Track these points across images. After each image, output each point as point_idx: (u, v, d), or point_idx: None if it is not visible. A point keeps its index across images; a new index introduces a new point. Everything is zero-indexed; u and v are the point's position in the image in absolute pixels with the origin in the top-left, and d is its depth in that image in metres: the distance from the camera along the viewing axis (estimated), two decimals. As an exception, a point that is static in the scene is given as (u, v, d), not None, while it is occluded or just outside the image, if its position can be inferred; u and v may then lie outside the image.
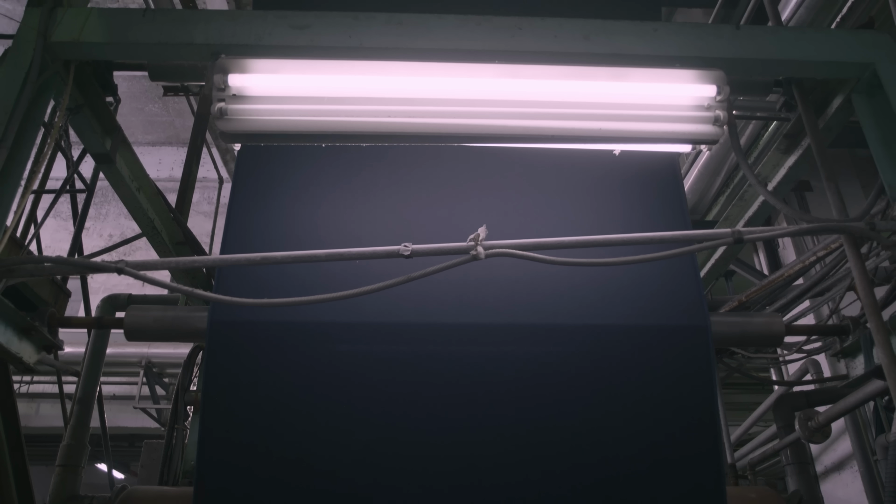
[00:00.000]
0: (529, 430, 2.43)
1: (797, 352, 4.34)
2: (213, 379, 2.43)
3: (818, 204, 6.95)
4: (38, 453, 8.34)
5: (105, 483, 6.51)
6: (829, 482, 6.85)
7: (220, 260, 2.34)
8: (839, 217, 2.87)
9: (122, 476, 11.88)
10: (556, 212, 2.76)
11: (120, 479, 11.06)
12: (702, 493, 2.42)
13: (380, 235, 2.51)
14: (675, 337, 2.50)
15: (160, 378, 10.98)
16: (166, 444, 3.94)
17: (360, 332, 2.46)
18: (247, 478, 2.36)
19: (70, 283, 4.27)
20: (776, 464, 7.47)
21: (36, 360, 2.97)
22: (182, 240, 4.24)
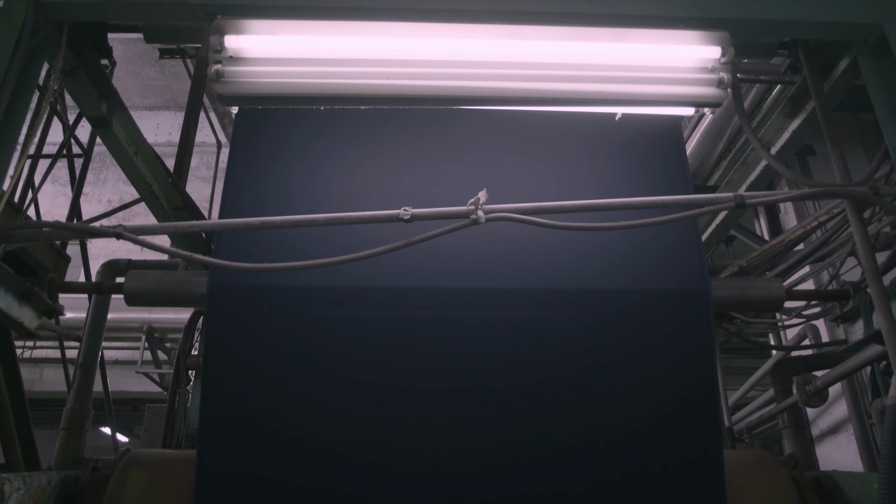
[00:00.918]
0: (529, 392, 2.44)
1: (796, 317, 4.36)
2: (214, 343, 2.44)
3: (821, 169, 6.91)
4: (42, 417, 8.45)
5: (109, 446, 6.61)
6: (825, 445, 6.95)
7: (218, 224, 2.32)
8: (842, 182, 2.85)
9: (126, 439, 12.05)
10: (557, 176, 2.74)
11: (124, 442, 11.22)
12: (699, 456, 2.44)
13: (380, 200, 2.49)
14: (675, 301, 2.50)
15: (162, 343, 11.07)
16: (169, 408, 3.98)
17: (359, 297, 2.46)
18: (249, 440, 2.38)
19: (69, 249, 4.27)
20: (773, 427, 7.57)
21: (37, 326, 2.98)
22: (181, 205, 4.22)
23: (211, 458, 2.36)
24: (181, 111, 5.13)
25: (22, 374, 4.26)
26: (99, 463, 3.68)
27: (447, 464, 2.44)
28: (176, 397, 3.99)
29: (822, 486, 2.76)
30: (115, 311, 9.07)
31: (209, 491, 2.34)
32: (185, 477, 2.50)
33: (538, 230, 2.27)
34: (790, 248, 4.19)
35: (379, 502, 2.39)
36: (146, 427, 4.75)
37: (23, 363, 8.80)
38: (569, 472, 2.43)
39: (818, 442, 6.84)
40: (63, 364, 6.11)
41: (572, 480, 2.43)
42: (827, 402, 4.84)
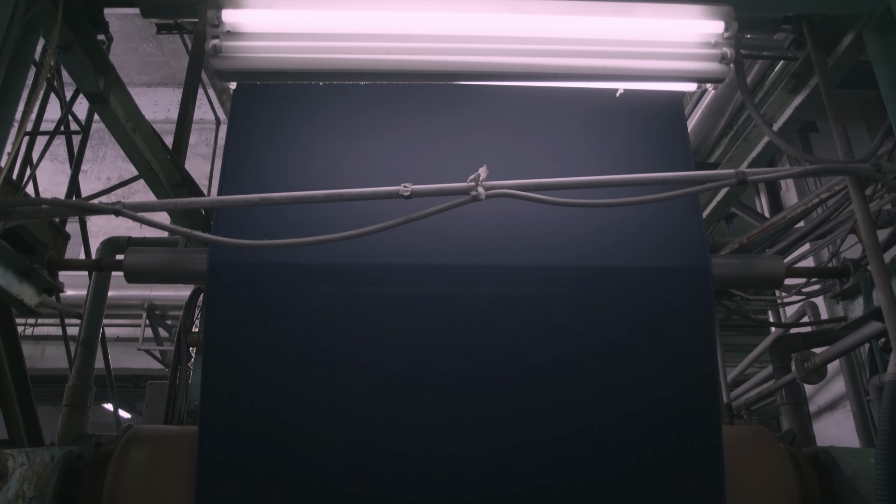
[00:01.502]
0: (531, 372, 2.45)
1: (796, 294, 4.36)
2: (214, 320, 2.44)
3: (822, 146, 6.88)
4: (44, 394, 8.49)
5: (112, 422, 6.65)
6: (822, 421, 7.00)
7: (217, 201, 2.31)
8: (845, 158, 2.83)
9: (129, 416, 12.14)
10: (558, 152, 2.72)
11: (126, 418, 11.30)
12: (698, 431, 2.45)
13: (379, 177, 2.48)
14: (675, 278, 2.50)
15: (163, 320, 11.11)
16: (170, 385, 4.00)
17: (359, 274, 2.46)
18: (250, 416, 2.39)
19: (69, 227, 4.25)
20: (770, 404, 7.62)
21: (37, 303, 2.98)
22: (180, 182, 4.21)
23: (212, 434, 2.38)
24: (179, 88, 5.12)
25: (24, 351, 4.28)
26: (101, 439, 3.71)
27: (442, 447, 2.44)
28: (177, 374, 4.00)
29: (820, 461, 2.78)
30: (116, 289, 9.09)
31: (211, 466, 2.36)
32: (186, 452, 2.52)
33: (539, 207, 2.26)
34: (791, 226, 4.18)
35: (375, 477, 2.41)
36: (148, 403, 4.78)
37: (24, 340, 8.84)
38: (570, 458, 2.44)
39: (815, 418, 6.89)
40: (64, 341, 6.13)
41: (573, 466, 2.44)
42: (825, 379, 4.87)
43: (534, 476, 2.43)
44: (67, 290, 5.25)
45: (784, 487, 2.63)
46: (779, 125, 3.68)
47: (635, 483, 2.43)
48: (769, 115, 3.73)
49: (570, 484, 2.43)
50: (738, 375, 8.42)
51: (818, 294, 4.40)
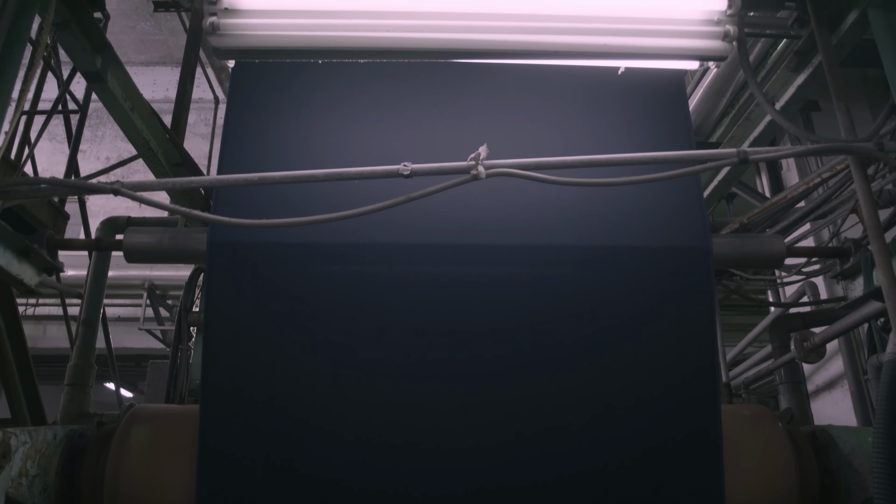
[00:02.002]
0: (526, 342, 2.45)
1: (796, 274, 4.36)
2: (215, 300, 2.44)
3: (824, 125, 6.84)
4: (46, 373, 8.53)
5: (114, 401, 6.69)
6: (820, 400, 7.04)
7: (216, 180, 2.30)
8: (847, 137, 2.82)
9: (131, 395, 12.21)
10: (558, 131, 2.70)
11: (128, 397, 11.37)
12: (697, 410, 2.46)
13: (379, 155, 2.46)
14: (676, 258, 2.49)
15: (163, 300, 11.13)
16: (171, 365, 4.01)
17: (359, 253, 2.45)
18: (250, 394, 2.40)
19: (68, 207, 4.24)
20: (769, 383, 7.66)
21: (37, 283, 2.98)
22: (179, 161, 4.19)
23: (213, 413, 2.39)
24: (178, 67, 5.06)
25: (25, 331, 4.30)
26: (104, 417, 3.73)
27: (442, 437, 2.45)
28: (178, 353, 4.01)
29: (818, 440, 2.79)
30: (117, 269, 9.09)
31: (212, 444, 2.38)
32: (188, 431, 2.53)
33: (539, 186, 2.25)
34: (792, 205, 4.16)
35: (374, 461, 2.42)
36: (149, 383, 4.80)
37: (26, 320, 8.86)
38: (574, 445, 2.44)
39: (813, 397, 6.93)
40: (65, 321, 6.15)
41: (577, 453, 2.45)
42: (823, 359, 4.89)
43: (535, 466, 2.44)
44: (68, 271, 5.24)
45: (782, 466, 2.65)
46: (781, 104, 3.66)
47: (634, 468, 2.44)
48: (771, 94, 3.70)
49: (574, 472, 2.43)
50: (737, 355, 8.46)
51: (818, 274, 4.40)
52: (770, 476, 2.63)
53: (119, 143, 14.79)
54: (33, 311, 11.78)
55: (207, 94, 8.74)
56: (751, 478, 2.61)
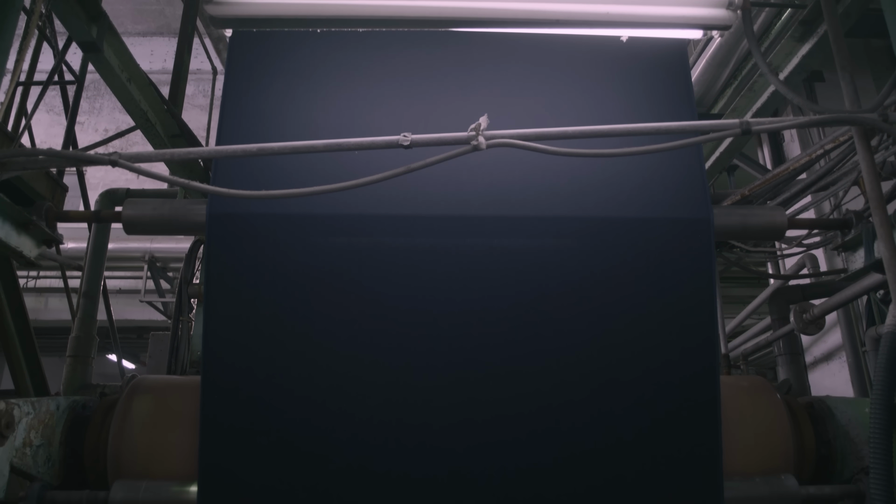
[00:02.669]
0: (528, 315, 2.45)
1: (797, 246, 4.35)
2: (215, 271, 2.44)
3: (827, 97, 6.78)
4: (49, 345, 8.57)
5: (116, 372, 6.74)
6: (817, 372, 7.08)
7: (215, 151, 2.28)
8: (851, 108, 2.79)
9: (133, 366, 12.29)
10: (560, 101, 2.68)
11: (130, 369, 11.45)
12: (696, 381, 2.47)
13: (379, 126, 2.44)
14: (676, 229, 2.48)
15: (164, 272, 11.14)
16: (172, 336, 4.03)
17: (358, 224, 2.44)
18: (251, 366, 2.41)
19: (67, 180, 4.22)
20: (768, 354, 7.70)
21: (37, 255, 2.98)
22: (177, 132, 4.17)
23: (214, 384, 2.40)
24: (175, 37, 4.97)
25: (27, 304, 4.30)
26: (106, 389, 3.76)
27: (443, 416, 2.45)
28: (179, 325, 4.03)
29: (815, 410, 2.82)
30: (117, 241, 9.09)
31: (214, 415, 2.39)
32: (189, 401, 2.55)
33: (540, 157, 2.23)
34: (794, 177, 4.14)
35: (372, 438, 2.43)
36: (151, 354, 4.83)
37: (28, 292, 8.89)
38: (577, 423, 2.45)
39: (811, 369, 6.97)
40: (66, 293, 6.16)
41: (579, 431, 2.46)
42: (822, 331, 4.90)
43: (535, 443, 2.45)
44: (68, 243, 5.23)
45: (780, 435, 2.67)
46: (785, 74, 3.62)
47: (634, 441, 2.45)
48: (775, 65, 3.66)
49: (575, 447, 2.44)
50: (736, 327, 8.49)
51: (819, 246, 4.39)
52: (768, 445, 2.66)
53: (117, 115, 14.69)
54: (34, 283, 11.81)
55: (206, 65, 8.65)
56: (749, 447, 2.64)
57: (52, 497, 2.39)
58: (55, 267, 8.47)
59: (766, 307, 6.57)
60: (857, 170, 3.64)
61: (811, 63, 3.55)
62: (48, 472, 2.50)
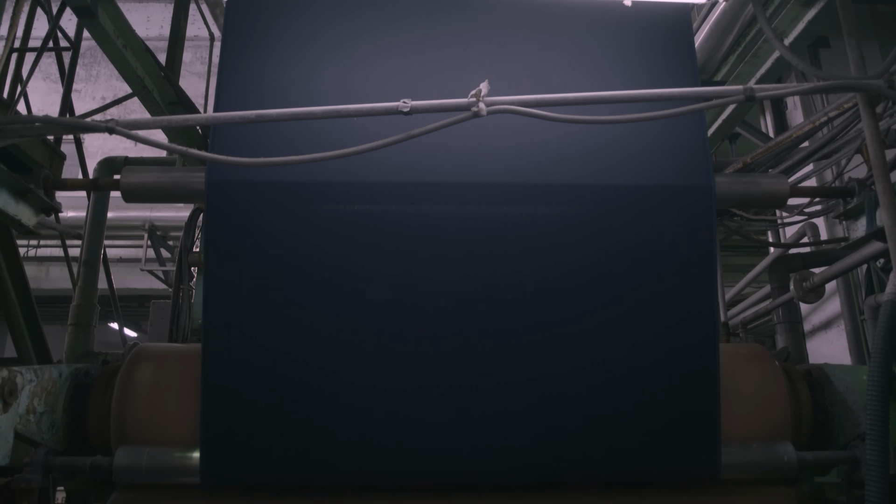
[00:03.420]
0: (529, 284, 2.45)
1: (798, 214, 4.34)
2: (214, 240, 2.43)
3: (831, 64, 6.70)
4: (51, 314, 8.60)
5: (118, 341, 6.78)
6: (815, 340, 7.12)
7: (213, 118, 2.26)
8: (857, 75, 2.75)
9: (135, 334, 12.35)
10: (561, 67, 2.64)
11: (132, 337, 11.51)
12: (695, 349, 2.48)
13: (378, 93, 2.41)
14: (678, 197, 2.47)
15: (164, 241, 11.15)
16: (173, 305, 4.04)
17: (357, 192, 2.42)
18: (251, 334, 2.42)
19: (65, 148, 4.19)
20: (767, 323, 7.73)
21: (35, 223, 2.97)
22: (175, 100, 4.13)
23: (215, 352, 2.41)
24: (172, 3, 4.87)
25: (28, 273, 4.31)
26: (108, 356, 3.78)
27: (441, 386, 2.46)
28: (180, 293, 4.04)
29: (813, 377, 2.83)
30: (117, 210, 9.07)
31: (214, 381, 2.41)
32: (190, 368, 2.56)
33: (540, 123, 2.21)
34: (796, 145, 4.11)
35: (371, 407, 2.44)
36: (152, 322, 4.85)
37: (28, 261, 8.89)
38: (578, 390, 2.47)
39: (809, 337, 7.00)
40: (66, 262, 6.16)
41: (579, 407, 2.47)
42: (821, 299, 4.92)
43: (537, 415, 2.46)
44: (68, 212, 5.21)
45: (778, 403, 2.69)
46: (790, 40, 3.58)
47: (635, 408, 2.47)
48: (780, 30, 3.62)
49: (578, 419, 2.46)
50: (736, 295, 8.51)
51: (820, 214, 4.38)
52: (766, 412, 2.68)
53: (114, 83, 14.55)
54: (35, 252, 11.82)
55: (203, 32, 8.54)
56: (747, 413, 2.66)
57: (57, 462, 2.42)
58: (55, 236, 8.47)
59: (765, 276, 6.58)
60: (860, 137, 3.61)
61: (816, 29, 3.50)
62: (52, 438, 2.52)
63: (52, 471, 2.39)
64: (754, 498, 2.61)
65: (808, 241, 6.17)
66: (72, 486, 2.69)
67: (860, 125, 3.29)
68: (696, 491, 2.61)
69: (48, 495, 2.39)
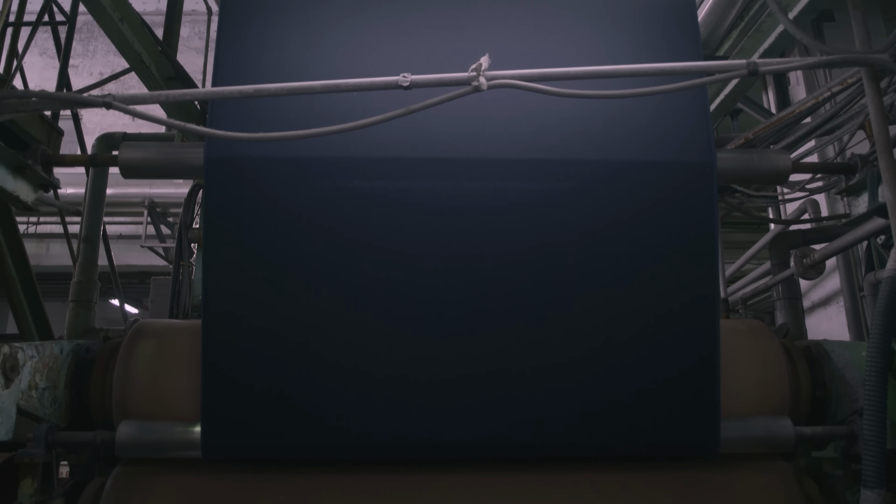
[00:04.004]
0: (531, 261, 2.44)
1: (800, 190, 4.33)
2: (213, 215, 2.42)
3: (835, 38, 6.64)
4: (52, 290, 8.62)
5: (120, 317, 6.81)
6: (814, 316, 7.15)
7: (211, 92, 2.24)
8: (862, 48, 2.72)
9: (136, 311, 12.40)
10: (562, 42, 2.61)
11: (133, 313, 11.55)
12: (695, 326, 2.48)
13: (378, 67, 2.38)
14: (679, 172, 2.45)
15: (164, 217, 11.14)
16: (173, 281, 4.05)
17: (356, 167, 2.41)
18: (251, 310, 2.42)
19: (63, 125, 4.17)
20: (766, 299, 7.75)
21: (34, 199, 2.96)
22: (173, 75, 4.10)
23: (215, 327, 2.42)
24: (167, -24, 4.86)
25: (29, 250, 4.31)
26: (109, 333, 3.79)
27: (440, 371, 2.46)
28: (180, 270, 4.04)
29: (812, 353, 2.84)
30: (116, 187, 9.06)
31: (214, 356, 2.41)
32: (191, 344, 2.57)
33: (541, 98, 2.18)
34: (798, 121, 4.09)
35: (368, 389, 2.45)
36: (153, 298, 4.87)
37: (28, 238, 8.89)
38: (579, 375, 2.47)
39: (808, 313, 7.02)
40: (66, 238, 6.16)
41: (581, 386, 2.48)
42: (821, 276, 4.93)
43: (535, 398, 2.47)
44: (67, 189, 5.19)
45: (777, 378, 2.70)
46: (794, 13, 3.53)
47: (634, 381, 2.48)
48: (784, 4, 3.57)
49: (575, 401, 2.47)
50: (736, 271, 8.53)
51: (822, 191, 4.37)
52: (765, 387, 2.69)
53: (112, 58, 14.45)
54: (35, 229, 11.83)
55: (200, 6, 8.45)
56: (746, 389, 2.67)
57: (60, 437, 2.43)
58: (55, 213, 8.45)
59: (765, 252, 6.59)
60: (863, 113, 3.59)
61: (821, 2, 3.46)
62: (55, 413, 2.54)
63: (54, 446, 2.40)
64: (752, 472, 2.63)
65: (809, 217, 6.17)
66: (75, 460, 2.71)
67: (864, 100, 3.27)
68: (696, 465, 2.64)
69: (52, 470, 2.41)
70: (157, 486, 2.53)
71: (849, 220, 3.48)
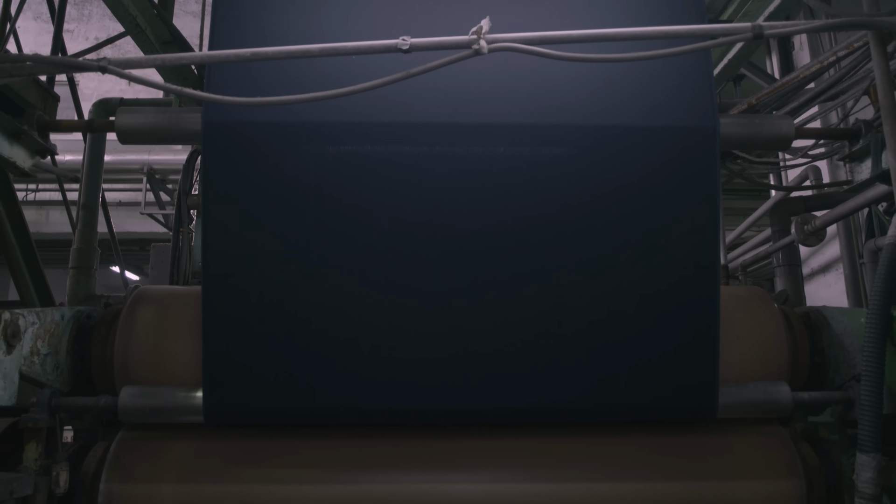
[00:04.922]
0: (531, 227, 2.43)
1: (802, 156, 4.30)
2: (212, 181, 2.40)
3: (841, 2, 6.53)
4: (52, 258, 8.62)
5: (120, 284, 6.82)
6: (814, 283, 7.17)
7: (207, 56, 2.21)
8: (869, 12, 2.68)
9: (137, 278, 12.43)
10: (565, 5, 2.56)
11: (134, 280, 11.58)
12: (696, 292, 2.48)
13: (378, 30, 2.34)
14: (681, 138, 2.43)
15: (163, 184, 11.10)
16: (173, 247, 4.05)
17: (355, 132, 2.38)
18: (250, 275, 2.42)
19: (59, 90, 4.12)
20: (766, 266, 7.76)
21: (31, 165, 2.94)
22: (169, 39, 4.04)
23: (215, 293, 2.42)
24: (162, -63, 4.73)
25: (28, 217, 4.30)
26: (110, 299, 3.80)
27: (439, 345, 2.46)
28: (179, 236, 4.03)
29: (811, 320, 2.85)
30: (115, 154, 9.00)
31: (215, 322, 2.42)
32: (191, 310, 2.58)
33: (542, 62, 2.15)
34: (802, 86, 4.05)
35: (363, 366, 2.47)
36: (153, 265, 4.88)
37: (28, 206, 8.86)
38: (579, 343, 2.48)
39: (807, 280, 7.05)
40: (65, 205, 6.14)
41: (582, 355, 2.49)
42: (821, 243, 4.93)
43: (540, 364, 2.48)
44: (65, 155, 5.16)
45: (776, 344, 2.71)
46: (800, -25, 3.46)
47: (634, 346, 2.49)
48: (791, -35, 3.50)
49: (580, 367, 2.49)
50: (736, 238, 8.53)
51: (825, 157, 4.34)
52: (763, 353, 2.70)
53: (107, 23, 14.24)
54: (34, 196, 11.78)
55: (195, -32, 8.30)
56: (744, 354, 2.69)
57: (63, 402, 2.45)
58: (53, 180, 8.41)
59: (765, 219, 6.58)
60: (868, 78, 3.54)
61: (829, -37, 3.39)
62: (57, 379, 2.56)
63: (58, 411, 2.42)
64: (750, 436, 2.66)
65: (811, 184, 6.14)
66: (79, 425, 2.73)
67: (869, 65, 3.23)
68: (694, 429, 2.66)
69: (56, 434, 2.44)
70: (161, 450, 2.56)
71: (851, 187, 3.47)
